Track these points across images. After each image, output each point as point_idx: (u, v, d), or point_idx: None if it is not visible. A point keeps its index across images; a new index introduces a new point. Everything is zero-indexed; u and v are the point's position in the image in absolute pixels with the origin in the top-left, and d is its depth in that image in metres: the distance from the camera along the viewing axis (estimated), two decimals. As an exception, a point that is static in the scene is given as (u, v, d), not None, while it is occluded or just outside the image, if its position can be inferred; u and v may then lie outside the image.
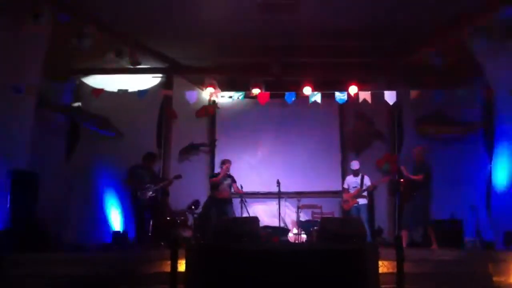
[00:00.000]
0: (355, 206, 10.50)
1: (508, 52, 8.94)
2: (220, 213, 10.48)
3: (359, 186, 10.53)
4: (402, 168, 10.15)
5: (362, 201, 10.53)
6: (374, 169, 11.84)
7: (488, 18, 8.73)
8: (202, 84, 12.15)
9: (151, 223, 10.11)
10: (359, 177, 10.63)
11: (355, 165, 10.81)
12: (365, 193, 10.55)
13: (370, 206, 11.11)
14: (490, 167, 10.66)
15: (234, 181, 10.89)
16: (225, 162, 10.94)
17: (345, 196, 10.79)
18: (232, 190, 10.88)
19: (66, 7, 8.86)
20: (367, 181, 10.57)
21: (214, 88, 11.59)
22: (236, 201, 10.90)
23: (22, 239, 7.90)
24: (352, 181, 10.75)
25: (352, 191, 10.62)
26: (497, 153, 10.25)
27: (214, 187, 10.90)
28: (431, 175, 9.68)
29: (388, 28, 9.82)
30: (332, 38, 10.46)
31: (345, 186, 10.91)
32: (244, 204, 10.68)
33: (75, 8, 8.97)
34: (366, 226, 9.98)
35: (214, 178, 10.95)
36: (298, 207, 11.21)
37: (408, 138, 12.15)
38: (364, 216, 10.28)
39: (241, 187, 10.82)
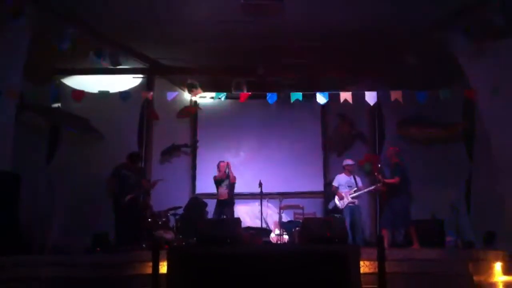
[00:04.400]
0: (350, 206, 10.14)
1: (488, 52, 9.02)
2: (219, 215, 10.53)
3: (354, 186, 10.26)
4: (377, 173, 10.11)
5: (358, 202, 10.29)
6: (356, 170, 11.84)
7: (470, 20, 8.81)
8: (183, 85, 12.07)
9: (132, 224, 10.00)
10: (352, 176, 10.39)
11: (349, 162, 10.58)
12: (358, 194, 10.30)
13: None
14: (471, 167, 10.78)
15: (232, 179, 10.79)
16: (219, 164, 10.90)
17: (340, 193, 10.31)
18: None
19: (47, 7, 8.75)
20: (359, 181, 10.36)
21: (196, 89, 11.52)
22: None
23: (3, 241, 7.78)
24: (345, 179, 10.38)
25: (345, 189, 10.27)
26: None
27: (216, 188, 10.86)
28: (407, 177, 9.66)
29: (372, 30, 9.84)
30: (316, 40, 10.45)
31: (336, 184, 10.47)
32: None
33: (56, 8, 8.87)
34: (359, 227, 10.09)
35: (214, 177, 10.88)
36: (280, 208, 11.19)
37: (389, 139, 12.17)
38: (358, 217, 10.12)
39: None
